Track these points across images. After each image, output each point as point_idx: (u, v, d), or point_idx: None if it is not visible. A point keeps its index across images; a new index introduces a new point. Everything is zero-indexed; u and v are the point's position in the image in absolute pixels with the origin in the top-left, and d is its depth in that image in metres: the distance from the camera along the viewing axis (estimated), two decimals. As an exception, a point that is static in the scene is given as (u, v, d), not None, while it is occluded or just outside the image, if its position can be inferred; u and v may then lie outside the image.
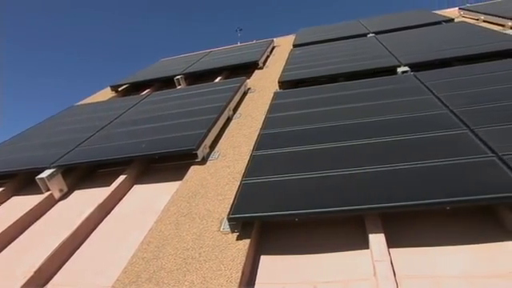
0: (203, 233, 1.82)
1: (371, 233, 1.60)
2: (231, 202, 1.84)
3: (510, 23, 4.54)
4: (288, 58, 4.71)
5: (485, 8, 5.50)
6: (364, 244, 1.61)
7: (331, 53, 4.58)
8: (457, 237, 1.59)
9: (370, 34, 5.41)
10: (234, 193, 1.91)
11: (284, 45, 6.21)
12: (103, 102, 4.94)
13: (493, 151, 1.78)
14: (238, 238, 1.72)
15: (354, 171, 1.85)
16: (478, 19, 5.35)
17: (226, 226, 1.78)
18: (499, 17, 4.82)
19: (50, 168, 2.71)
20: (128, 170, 2.73)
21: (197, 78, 5.29)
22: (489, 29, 4.46)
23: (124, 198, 2.54)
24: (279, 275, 1.59)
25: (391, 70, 3.50)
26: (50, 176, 2.64)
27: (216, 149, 2.73)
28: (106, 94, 5.62)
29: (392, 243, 1.58)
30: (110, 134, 3.24)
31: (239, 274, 1.51)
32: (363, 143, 2.13)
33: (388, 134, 2.18)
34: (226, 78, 4.98)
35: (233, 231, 1.76)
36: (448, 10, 6.51)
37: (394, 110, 2.50)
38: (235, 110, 3.46)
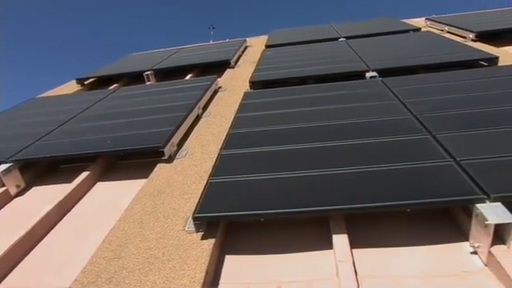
0: (167, 232, 1.79)
1: (335, 233, 1.62)
2: (197, 201, 1.82)
3: (470, 35, 4.78)
4: (260, 59, 4.72)
5: (449, 20, 5.76)
6: (328, 244, 1.64)
7: (303, 55, 4.63)
8: (416, 238, 1.65)
9: (341, 39, 5.52)
10: (201, 192, 1.89)
11: (256, 45, 6.22)
12: (68, 95, 4.75)
13: (451, 156, 1.85)
14: (203, 238, 1.70)
15: (320, 173, 1.88)
16: (442, 30, 5.59)
17: (190, 225, 1.76)
18: (461, 29, 5.06)
19: (6, 162, 2.57)
20: (91, 166, 2.63)
21: (167, 74, 5.19)
22: (452, 40, 4.67)
23: (86, 196, 2.45)
24: (244, 275, 1.59)
25: (360, 75, 3.58)
26: (6, 171, 2.50)
27: (184, 147, 2.69)
28: (71, 87, 5.41)
29: (355, 244, 1.61)
30: (74, 129, 3.12)
31: (203, 274, 1.50)
32: (330, 145, 2.17)
33: (354, 136, 2.23)
34: (196, 75, 4.92)
35: (198, 231, 1.73)
36: (415, 19, 6.76)
37: (360, 114, 2.56)
38: (205, 108, 3.43)
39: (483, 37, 4.67)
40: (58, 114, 3.63)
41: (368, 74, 3.53)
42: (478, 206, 1.47)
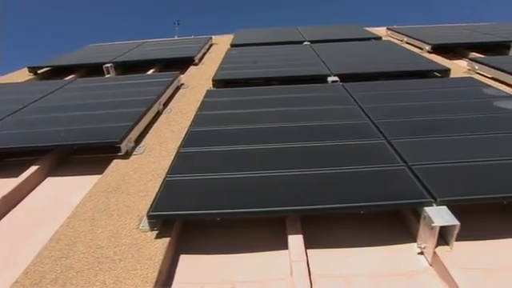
0: (120, 230, 1.72)
1: (290, 234, 1.64)
2: (153, 199, 1.77)
3: (427, 47, 5.03)
4: (224, 57, 4.70)
5: (408, 31, 6.03)
6: (284, 245, 1.65)
7: (267, 56, 4.66)
8: (368, 238, 1.71)
9: (306, 42, 5.61)
10: (157, 190, 1.84)
11: (222, 43, 6.19)
12: (18, 83, 4.48)
13: (404, 161, 1.94)
14: (158, 237, 1.66)
15: (277, 173, 1.89)
16: (402, 40, 5.84)
17: (145, 223, 1.71)
18: (419, 41, 5.32)
19: None
20: (42, 160, 2.49)
21: (128, 68, 5.03)
22: (410, 50, 4.89)
23: (34, 191, 2.31)
24: (198, 275, 1.57)
25: (322, 79, 3.66)
26: None
27: (142, 143, 2.61)
28: (22, 75, 5.08)
29: (310, 244, 1.64)
30: (24, 120, 2.94)
31: (156, 274, 1.46)
32: (289, 146, 2.19)
33: (312, 139, 2.27)
34: (159, 70, 4.82)
35: (152, 229, 1.69)
36: (377, 28, 7.02)
37: (320, 117, 2.61)
38: (166, 104, 3.36)
39: (438, 49, 4.94)
40: (7, 103, 3.40)
41: (330, 79, 3.61)
42: (426, 209, 1.54)
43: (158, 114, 3.13)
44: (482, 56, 4.62)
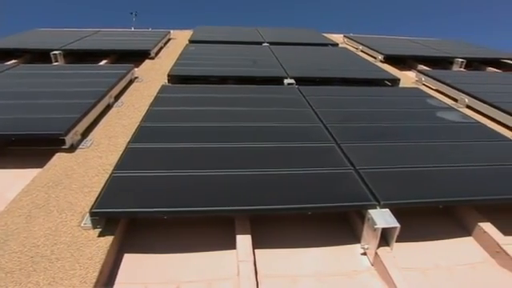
0: (60, 228, 1.62)
1: (239, 233, 1.64)
2: (97, 195, 1.69)
3: (380, 57, 5.26)
4: (182, 53, 4.61)
5: (363, 40, 6.27)
6: (232, 244, 1.64)
7: (225, 55, 4.63)
8: (315, 239, 1.74)
9: (265, 44, 5.65)
10: (103, 186, 1.76)
11: (180, 39, 6.07)
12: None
13: (352, 165, 2.00)
14: (100, 235, 1.58)
15: (228, 173, 1.88)
16: (357, 48, 6.07)
17: (87, 221, 1.62)
18: (373, 50, 5.55)
19: None
20: (-27, 150, 2.29)
21: (79, 56, 4.78)
22: (364, 58, 5.09)
23: (-37, 184, 2.12)
24: (143, 274, 1.52)
25: (278, 81, 3.70)
26: None
27: (89, 137, 2.48)
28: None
29: (258, 244, 1.65)
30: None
31: (96, 274, 1.39)
32: (240, 146, 2.19)
33: (265, 139, 2.28)
34: (112, 62, 4.62)
35: (95, 227, 1.60)
36: (335, 35, 7.23)
37: (274, 118, 2.64)
38: (117, 97, 3.22)
39: (390, 59, 5.19)
40: None
41: (286, 81, 3.66)
42: (370, 211, 1.60)
43: (109, 107, 3.00)
44: (429, 69, 4.91)
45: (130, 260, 1.59)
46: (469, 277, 1.59)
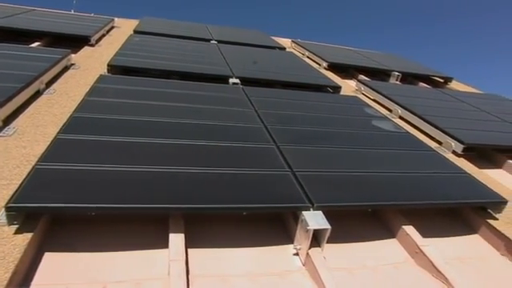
0: (-31, 224, 1.46)
1: (172, 232, 1.59)
2: (17, 188, 1.54)
3: (324, 64, 5.45)
4: (125, 43, 4.40)
5: (310, 46, 6.46)
6: (165, 243, 1.59)
7: (171, 49, 4.51)
8: (249, 239, 1.75)
9: (213, 41, 5.60)
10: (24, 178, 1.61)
11: (125, 28, 5.80)
12: None
13: (289, 167, 2.04)
14: (18, 232, 1.45)
15: (163, 170, 1.82)
16: (303, 54, 6.23)
17: (2, 216, 1.47)
18: (318, 57, 5.74)
19: None
20: None
21: (7, 35, 4.34)
22: (309, 64, 5.24)
23: None
24: (65, 274, 1.42)
25: (224, 79, 3.68)
26: None
27: (12, 124, 2.27)
28: None
29: (191, 243, 1.62)
30: None
31: (8, 275, 1.27)
32: (178, 143, 2.13)
33: (204, 138, 2.25)
34: (46, 45, 4.27)
35: (10, 223, 1.46)
36: (283, 39, 7.37)
37: (216, 117, 2.62)
38: (49, 84, 2.98)
39: (333, 67, 5.39)
40: None
41: (231, 80, 3.65)
42: (304, 213, 1.64)
43: (39, 93, 2.77)
44: (368, 79, 5.18)
45: (51, 259, 1.48)
46: (391, 276, 1.70)
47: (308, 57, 6.05)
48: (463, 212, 2.23)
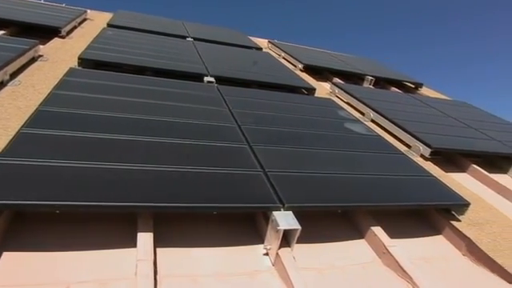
0: None
1: (140, 232, 1.56)
2: (-26, 184, 1.46)
3: (299, 66, 5.51)
4: (97, 36, 4.28)
5: (286, 47, 6.51)
6: (133, 243, 1.55)
7: (146, 44, 4.42)
8: (219, 239, 1.74)
9: (189, 38, 5.53)
10: (-18, 174, 1.53)
11: (98, 21, 5.64)
12: None
13: (261, 167, 2.04)
14: (-27, 230, 1.38)
15: (131, 167, 1.78)
16: (280, 55, 6.27)
17: (-43, 214, 1.40)
18: (294, 58, 5.79)
19: None
20: None
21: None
22: (285, 65, 5.27)
23: None
24: (25, 275, 1.36)
25: (198, 77, 3.64)
26: None
27: (-28, 116, 2.16)
28: None
29: (160, 243, 1.59)
30: None
31: (-40, 276, 1.20)
32: (151, 141, 2.09)
33: (178, 136, 2.22)
34: (12, 34, 4.08)
35: (-34, 221, 1.39)
36: (260, 39, 7.38)
37: (190, 115, 2.58)
38: (14, 75, 2.85)
39: (308, 69, 5.46)
40: None
41: (206, 79, 3.62)
42: (274, 213, 1.65)
43: (2, 84, 2.65)
44: (342, 82, 5.27)
45: (10, 259, 1.41)
46: (359, 276, 1.73)
47: (284, 58, 6.09)
48: (429, 213, 2.31)
